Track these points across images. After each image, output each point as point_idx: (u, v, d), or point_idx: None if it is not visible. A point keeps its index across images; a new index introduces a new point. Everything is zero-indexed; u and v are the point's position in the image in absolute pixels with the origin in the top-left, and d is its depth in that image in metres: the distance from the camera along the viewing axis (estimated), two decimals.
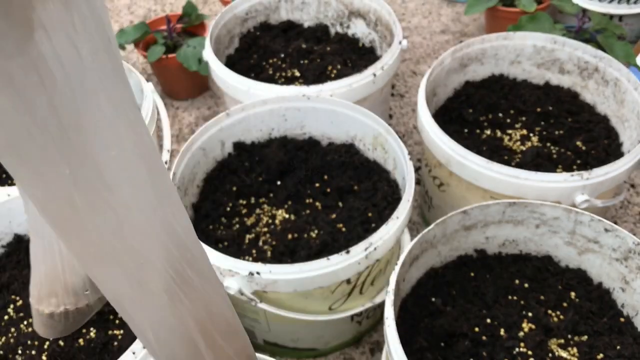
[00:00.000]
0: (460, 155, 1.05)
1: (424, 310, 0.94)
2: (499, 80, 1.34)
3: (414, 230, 1.37)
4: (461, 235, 0.99)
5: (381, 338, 1.18)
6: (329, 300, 0.99)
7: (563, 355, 0.87)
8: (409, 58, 1.87)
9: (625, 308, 0.93)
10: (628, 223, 1.35)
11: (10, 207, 1.04)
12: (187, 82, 1.72)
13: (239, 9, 1.53)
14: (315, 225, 1.07)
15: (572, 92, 1.30)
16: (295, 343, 1.10)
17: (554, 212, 0.95)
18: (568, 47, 1.27)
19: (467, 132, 1.24)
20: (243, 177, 1.18)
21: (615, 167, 1.01)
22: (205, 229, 1.10)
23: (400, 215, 0.95)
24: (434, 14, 2.06)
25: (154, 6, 2.22)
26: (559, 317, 0.92)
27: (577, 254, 0.98)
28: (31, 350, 0.90)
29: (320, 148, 1.23)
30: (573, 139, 1.20)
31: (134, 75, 1.30)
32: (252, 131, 1.22)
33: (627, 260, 0.91)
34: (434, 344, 0.89)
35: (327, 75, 1.39)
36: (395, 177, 1.14)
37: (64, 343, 0.90)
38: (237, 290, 0.91)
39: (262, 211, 1.13)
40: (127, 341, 0.89)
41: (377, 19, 1.48)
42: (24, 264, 1.04)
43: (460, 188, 1.13)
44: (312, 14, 1.60)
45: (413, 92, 1.74)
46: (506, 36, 1.30)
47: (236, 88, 1.25)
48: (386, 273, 1.06)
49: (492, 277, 0.99)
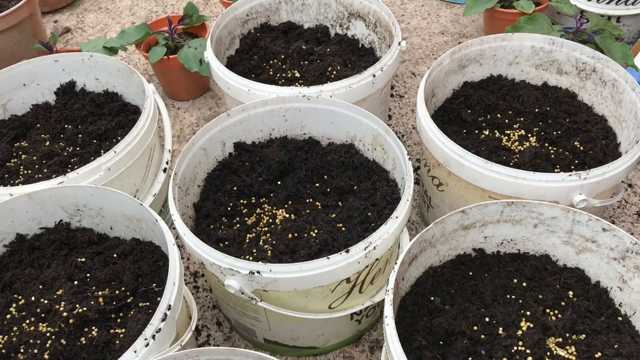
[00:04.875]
0: (458, 155, 1.06)
1: (423, 309, 0.94)
2: (497, 81, 1.35)
3: (413, 229, 1.38)
4: (460, 235, 1.00)
5: (380, 336, 1.19)
6: (329, 299, 0.99)
7: (561, 354, 0.87)
8: (408, 59, 1.87)
9: (623, 307, 0.94)
10: (626, 222, 1.36)
11: (12, 206, 1.04)
12: (188, 83, 1.73)
13: (240, 11, 1.53)
14: (315, 224, 1.07)
15: (570, 93, 1.31)
16: (296, 341, 1.11)
17: (552, 211, 0.96)
18: (566, 48, 1.27)
19: (466, 132, 1.25)
20: (244, 177, 1.19)
21: (613, 167, 1.01)
22: (206, 228, 1.10)
23: (400, 215, 0.95)
24: (433, 15, 2.06)
25: (155, 7, 2.22)
26: (557, 316, 0.93)
27: (575, 254, 0.99)
28: (33, 349, 0.90)
29: (320, 148, 1.24)
30: (571, 139, 1.21)
31: (135, 76, 1.31)
32: (252, 131, 1.23)
33: (625, 260, 0.92)
34: (433, 342, 0.89)
35: (327, 76, 1.40)
36: (395, 177, 1.14)
37: (66, 342, 0.90)
38: (237, 289, 0.92)
39: (262, 211, 1.14)
40: (129, 340, 0.90)
41: (376, 20, 1.49)
42: (26, 263, 1.05)
43: (459, 188, 1.13)
44: (312, 16, 1.61)
45: (412, 92, 1.75)
46: (504, 37, 1.31)
47: (237, 89, 1.26)
48: (385, 272, 1.07)
49: (490, 276, 0.99)
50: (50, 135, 1.33)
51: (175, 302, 0.87)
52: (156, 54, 1.60)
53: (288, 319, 1.01)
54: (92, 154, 1.26)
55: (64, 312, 0.93)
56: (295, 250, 1.03)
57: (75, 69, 1.40)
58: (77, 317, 0.93)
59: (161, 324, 0.84)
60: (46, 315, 0.95)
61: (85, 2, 2.28)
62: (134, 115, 1.35)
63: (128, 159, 1.15)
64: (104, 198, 1.05)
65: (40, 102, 1.42)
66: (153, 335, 0.83)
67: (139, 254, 1.04)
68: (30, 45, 1.81)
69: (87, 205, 1.07)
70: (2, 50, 1.78)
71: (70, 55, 1.39)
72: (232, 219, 1.13)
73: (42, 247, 1.07)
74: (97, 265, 1.03)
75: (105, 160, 1.11)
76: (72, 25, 2.16)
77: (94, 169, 1.10)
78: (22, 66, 1.37)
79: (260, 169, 1.19)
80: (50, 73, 1.40)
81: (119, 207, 1.05)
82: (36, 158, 1.26)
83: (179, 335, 0.91)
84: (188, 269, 1.33)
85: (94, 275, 1.00)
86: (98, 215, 1.09)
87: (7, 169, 1.25)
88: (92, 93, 1.42)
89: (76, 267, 1.02)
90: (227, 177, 1.19)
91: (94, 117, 1.36)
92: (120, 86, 1.40)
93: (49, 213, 1.08)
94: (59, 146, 1.29)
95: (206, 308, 1.26)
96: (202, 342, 1.20)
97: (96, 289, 0.98)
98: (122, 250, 1.05)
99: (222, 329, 1.22)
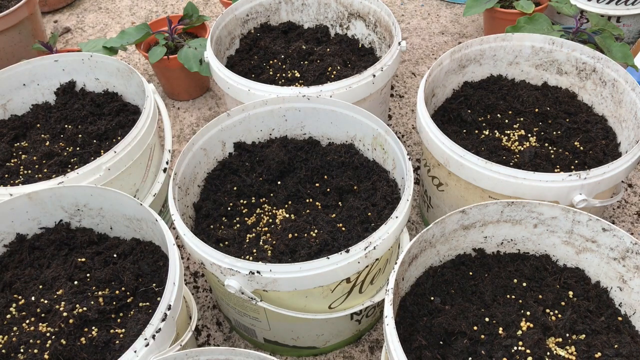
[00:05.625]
0: (458, 155, 1.06)
1: (423, 309, 0.94)
2: (497, 81, 1.35)
3: (413, 229, 1.38)
4: (460, 235, 1.00)
5: (380, 336, 1.19)
6: (329, 299, 0.99)
7: (561, 354, 0.87)
8: (408, 59, 1.87)
9: (623, 307, 0.94)
10: (626, 222, 1.36)
11: (12, 206, 1.04)
12: (188, 83, 1.73)
13: (240, 11, 1.53)
14: (315, 224, 1.07)
15: (570, 93, 1.31)
16: (296, 341, 1.11)
17: (552, 211, 0.96)
18: (566, 48, 1.27)
19: (466, 132, 1.25)
20: (244, 177, 1.19)
21: (613, 167, 1.01)
22: (206, 228, 1.10)
23: (400, 215, 0.95)
24: (433, 15, 2.06)
25: (155, 7, 2.22)
26: (557, 316, 0.93)
27: (575, 253, 0.99)
28: (33, 349, 0.90)
29: (320, 148, 1.24)
30: (571, 139, 1.21)
31: (135, 76, 1.31)
32: (252, 131, 1.23)
33: (625, 260, 0.92)
34: (433, 342, 0.89)
35: (327, 76, 1.40)
36: (395, 177, 1.14)
37: (66, 342, 0.90)
38: (237, 289, 0.92)
39: (262, 211, 1.14)
40: (129, 340, 0.90)
41: (376, 20, 1.49)
42: (26, 263, 1.05)
43: (459, 188, 1.13)
44: (312, 16, 1.61)
45: (412, 92, 1.75)
46: (504, 37, 1.31)
47: (237, 89, 1.26)
48: (385, 272, 1.07)
49: (490, 276, 0.99)
50: (50, 135, 1.33)
51: (175, 302, 0.87)
52: (156, 54, 1.60)
53: (288, 319, 1.01)
54: (92, 154, 1.26)
55: (64, 312, 0.93)
56: (295, 250, 1.03)
57: (75, 69, 1.40)
58: (77, 317, 0.93)
59: (161, 324, 0.84)
60: (46, 315, 0.95)
61: (85, 2, 2.28)
62: (134, 115, 1.35)
63: (128, 159, 1.15)
64: (104, 198, 1.05)
65: (40, 102, 1.42)
66: (153, 335, 0.83)
67: (139, 254, 1.04)
68: (30, 45, 1.81)
69: (87, 205, 1.07)
70: (2, 50, 1.78)
71: (70, 55, 1.39)
72: (232, 219, 1.13)
73: (42, 247, 1.07)
74: (97, 265, 1.03)
75: (105, 160, 1.11)
76: (72, 25, 2.16)
77: (94, 169, 1.10)
78: (22, 66, 1.37)
79: (260, 169, 1.19)
80: (50, 73, 1.40)
81: (119, 207, 1.05)
82: (36, 158, 1.26)
83: (179, 335, 0.91)
84: (188, 269, 1.33)
85: (94, 275, 1.00)
86: (98, 215, 1.09)
87: (7, 169, 1.25)
88: (92, 93, 1.42)
89: (76, 267, 1.02)
90: (227, 177, 1.19)
91: (94, 117, 1.36)
92: (120, 86, 1.40)
93: (49, 213, 1.08)
94: (59, 146, 1.29)
95: (206, 308, 1.26)
96: (202, 342, 1.20)
97: (96, 289, 0.98)
98: (122, 250, 1.05)
99: (222, 329, 1.22)
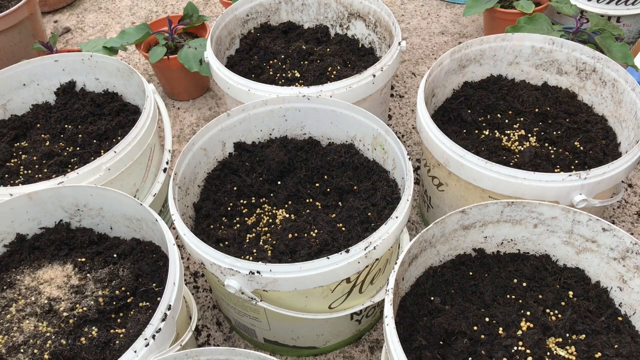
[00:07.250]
0: (458, 155, 1.06)
1: (423, 309, 0.94)
2: (497, 81, 1.35)
3: (413, 229, 1.38)
4: (460, 235, 1.00)
5: (380, 336, 1.19)
6: (329, 299, 0.99)
7: (561, 354, 0.87)
8: (408, 59, 1.87)
9: (623, 307, 0.94)
10: (626, 222, 1.36)
11: (12, 206, 1.04)
12: (188, 83, 1.73)
13: (240, 11, 1.53)
14: (315, 224, 1.07)
15: (570, 93, 1.31)
16: (296, 341, 1.11)
17: (552, 211, 0.96)
18: (566, 48, 1.27)
19: (466, 132, 1.25)
20: (244, 177, 1.19)
21: (613, 167, 1.01)
22: (206, 228, 1.10)
23: (400, 215, 0.95)
24: (433, 15, 2.06)
25: (155, 7, 2.22)
26: (557, 316, 0.93)
27: (575, 254, 0.99)
28: (33, 349, 0.90)
29: (320, 148, 1.24)
30: (571, 139, 1.21)
31: (135, 76, 1.31)
32: (252, 131, 1.23)
33: (625, 260, 0.92)
34: (433, 342, 0.89)
35: (327, 76, 1.40)
36: (395, 177, 1.14)
37: (66, 342, 0.90)
38: (237, 289, 0.92)
39: (262, 211, 1.14)
40: (129, 340, 0.90)
41: (376, 20, 1.49)
42: (26, 263, 1.05)
43: (459, 188, 1.13)
44: (312, 16, 1.61)
45: (412, 92, 1.75)
46: (504, 37, 1.31)
47: (237, 89, 1.26)
48: (385, 272, 1.07)
49: (490, 276, 0.99)
50: (50, 135, 1.33)
51: (175, 302, 0.87)
52: (156, 54, 1.60)
53: (288, 319, 1.01)
54: (92, 154, 1.26)
55: (64, 312, 0.93)
56: (295, 250, 1.03)
57: (75, 69, 1.40)
58: (77, 317, 0.93)
59: (161, 324, 0.84)
60: (46, 315, 0.95)
61: (85, 2, 2.29)
62: (134, 115, 1.36)
63: (128, 159, 1.15)
64: (104, 198, 1.05)
65: (40, 102, 1.42)
66: (153, 335, 0.83)
67: (139, 254, 1.04)
68: (30, 45, 1.81)
69: (87, 205, 1.07)
70: (2, 50, 1.78)
71: (70, 55, 1.39)
72: (232, 219, 1.13)
73: (42, 247, 1.07)
74: (97, 265, 1.03)
75: (105, 160, 1.11)
76: (72, 25, 2.16)
77: (94, 169, 1.10)
78: (22, 66, 1.37)
79: (260, 169, 1.19)
80: (50, 73, 1.40)
81: (119, 207, 1.05)
82: (36, 158, 1.26)
83: (179, 335, 0.91)
84: (188, 269, 1.33)
85: (94, 275, 1.00)
86: (98, 215, 1.09)
87: (7, 169, 1.25)
88: (92, 93, 1.42)
89: (76, 267, 1.02)
90: (227, 177, 1.19)
91: (94, 117, 1.36)
92: (120, 86, 1.40)
93: (49, 213, 1.08)
94: (59, 146, 1.29)
95: (206, 308, 1.26)
96: (202, 342, 1.20)
97: (96, 289, 0.98)
98: (122, 250, 1.05)
99: (222, 329, 1.22)
